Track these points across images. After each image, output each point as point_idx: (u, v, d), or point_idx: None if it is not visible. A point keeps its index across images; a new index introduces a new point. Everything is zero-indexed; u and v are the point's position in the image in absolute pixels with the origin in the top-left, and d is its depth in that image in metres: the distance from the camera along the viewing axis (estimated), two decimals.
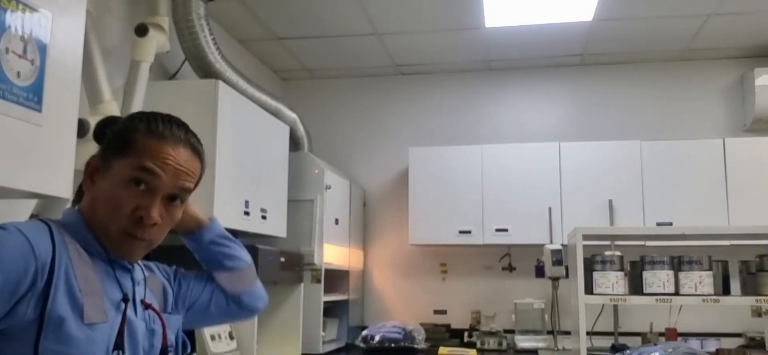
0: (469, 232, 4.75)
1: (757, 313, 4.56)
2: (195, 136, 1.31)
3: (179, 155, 1.23)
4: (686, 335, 4.49)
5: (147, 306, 1.29)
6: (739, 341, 4.54)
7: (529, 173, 4.72)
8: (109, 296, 1.18)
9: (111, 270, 1.22)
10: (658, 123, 5.04)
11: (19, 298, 1.03)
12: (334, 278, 4.62)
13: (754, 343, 4.39)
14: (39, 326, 1.05)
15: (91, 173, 1.24)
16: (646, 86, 5.12)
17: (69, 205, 2.00)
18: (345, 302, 4.81)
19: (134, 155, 1.18)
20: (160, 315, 1.32)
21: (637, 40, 4.69)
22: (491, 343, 4.60)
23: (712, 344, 4.34)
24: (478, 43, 4.77)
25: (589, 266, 3.08)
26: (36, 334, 1.06)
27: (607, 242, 3.66)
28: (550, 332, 4.59)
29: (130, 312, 1.22)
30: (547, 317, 4.67)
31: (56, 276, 1.08)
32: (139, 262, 1.35)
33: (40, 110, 1.74)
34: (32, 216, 2.17)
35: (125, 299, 1.22)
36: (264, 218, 3.60)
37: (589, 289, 3.05)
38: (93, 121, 2.43)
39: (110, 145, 1.22)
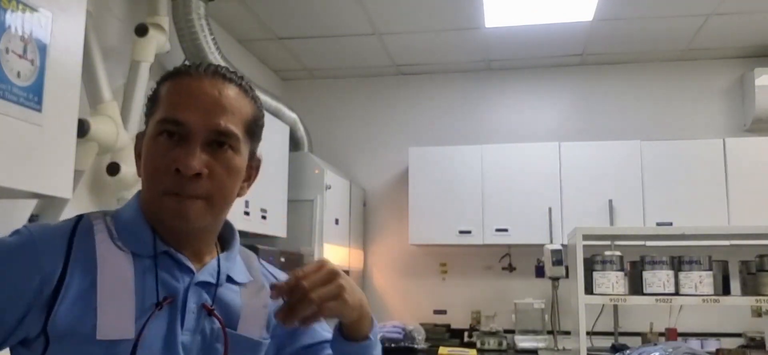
0: (469, 232, 4.74)
1: (757, 313, 4.56)
2: (233, 71, 1.07)
3: (208, 90, 1.01)
4: (686, 335, 4.49)
5: (209, 312, 1.03)
6: (739, 341, 4.54)
7: (529, 173, 4.72)
8: (146, 302, 0.97)
9: (157, 267, 1.01)
10: (659, 123, 5.04)
11: (26, 310, 0.92)
12: None
13: (754, 343, 4.39)
14: (45, 342, 0.94)
15: (138, 153, 1.06)
16: (646, 86, 5.12)
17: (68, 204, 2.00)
18: None
19: (160, 107, 1.01)
20: (224, 329, 1.04)
21: (637, 40, 4.68)
22: (491, 343, 4.60)
23: (713, 344, 4.34)
24: (478, 43, 4.77)
25: (589, 266, 3.08)
26: (42, 351, 0.94)
27: (607, 242, 3.66)
28: (550, 332, 4.59)
29: (160, 320, 0.97)
30: (547, 317, 4.67)
31: (67, 285, 0.94)
32: (224, 265, 1.08)
33: (40, 110, 1.74)
34: (32, 216, 2.17)
35: (162, 302, 0.98)
36: (264, 218, 3.60)
37: (589, 289, 3.05)
38: (93, 121, 2.43)
39: (146, 113, 1.06)
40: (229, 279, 1.10)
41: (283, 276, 1.21)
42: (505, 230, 4.71)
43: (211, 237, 1.09)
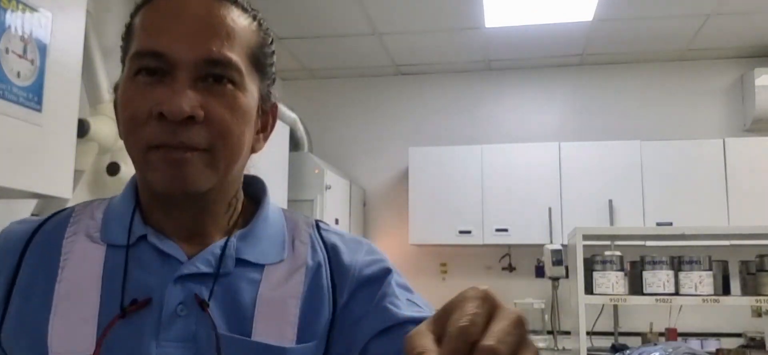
0: (469, 232, 4.74)
1: (757, 313, 4.56)
2: None
3: (194, 9, 0.77)
4: (686, 335, 4.49)
5: (202, 307, 0.77)
6: (739, 341, 4.54)
7: (529, 173, 4.72)
8: (113, 308, 0.76)
9: (127, 259, 0.79)
10: (658, 123, 5.04)
11: None
12: None
13: (754, 343, 4.40)
14: None
15: (117, 107, 0.83)
16: (646, 86, 5.12)
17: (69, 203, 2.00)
18: None
19: (135, 40, 0.78)
20: (216, 333, 0.75)
21: (637, 40, 4.68)
22: None
23: (712, 344, 4.34)
24: (478, 43, 4.77)
25: (589, 266, 3.08)
26: None
27: (607, 242, 3.66)
28: (550, 332, 4.59)
29: (127, 330, 0.75)
30: (547, 317, 4.67)
31: (16, 292, 0.79)
32: (236, 245, 0.81)
33: (40, 110, 1.74)
34: (32, 216, 2.17)
35: (127, 308, 0.75)
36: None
37: (589, 289, 3.05)
38: (93, 121, 2.43)
39: (122, 55, 0.83)
40: (242, 263, 0.81)
41: (358, 258, 0.86)
42: (505, 230, 4.71)
43: (219, 207, 0.83)
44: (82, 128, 2.28)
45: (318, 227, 0.91)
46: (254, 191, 0.90)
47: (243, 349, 0.77)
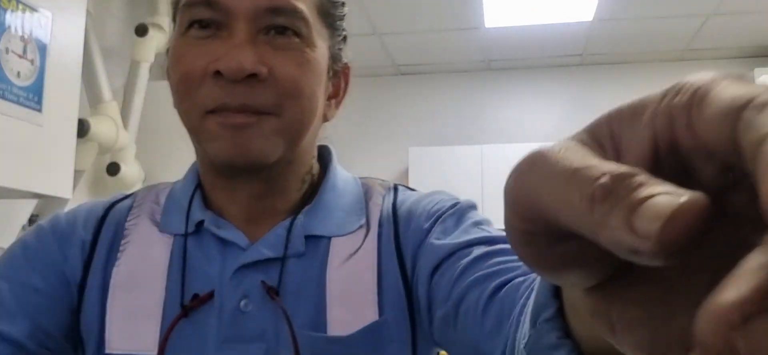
0: None
1: None
2: None
3: None
4: None
5: (270, 293, 0.66)
6: None
7: None
8: (176, 305, 0.67)
9: (185, 249, 0.69)
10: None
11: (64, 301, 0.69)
12: None
13: None
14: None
15: (169, 71, 0.71)
16: (646, 87, 5.06)
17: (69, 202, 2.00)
18: None
19: None
20: (291, 330, 0.64)
21: (637, 41, 4.68)
22: None
23: None
24: (478, 43, 4.77)
25: None
26: None
27: None
28: None
29: (190, 330, 0.65)
30: None
31: (91, 274, 0.69)
32: (303, 222, 0.70)
33: (40, 110, 1.74)
34: (32, 216, 2.17)
35: (188, 307, 0.65)
36: None
37: None
38: (93, 122, 2.43)
39: (172, 12, 0.73)
40: (314, 239, 0.70)
41: (427, 201, 0.74)
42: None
43: (289, 182, 0.72)
44: (82, 128, 2.28)
45: (395, 190, 0.79)
46: (320, 160, 0.78)
47: (318, 345, 0.65)
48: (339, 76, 0.78)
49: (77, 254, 0.70)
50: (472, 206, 0.73)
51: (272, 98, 0.64)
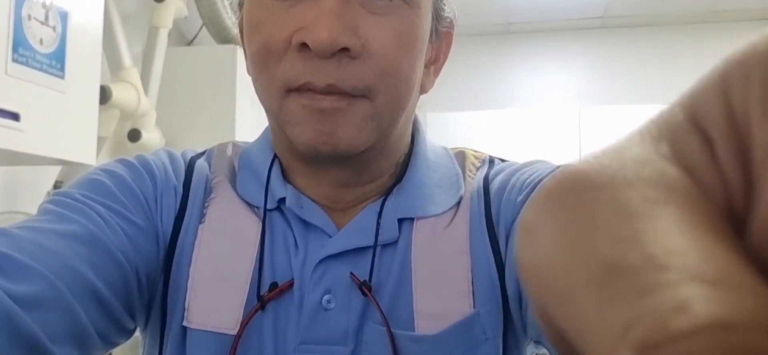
0: None
1: None
2: None
3: None
4: None
5: (363, 290, 0.58)
6: None
7: (548, 138, 4.69)
8: (263, 289, 0.59)
9: (263, 233, 0.61)
10: (681, 87, 4.87)
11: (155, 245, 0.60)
12: None
13: None
14: (161, 327, 0.61)
15: (243, 36, 0.63)
16: (668, 49, 5.03)
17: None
18: None
19: None
20: (388, 328, 0.56)
21: (659, 2, 4.59)
22: None
23: None
24: (498, 6, 4.71)
25: None
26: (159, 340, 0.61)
27: None
28: None
29: (270, 320, 0.58)
30: None
31: (183, 236, 0.60)
32: (395, 204, 0.63)
33: (62, 77, 1.75)
34: (56, 183, 2.19)
35: (266, 296, 0.57)
36: None
37: None
38: (114, 88, 2.44)
39: None
40: (408, 222, 0.62)
41: (519, 172, 0.65)
42: None
43: (382, 167, 0.64)
44: (104, 95, 2.29)
45: (491, 162, 0.71)
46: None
47: (408, 346, 0.56)
48: (441, 37, 0.66)
49: (171, 203, 0.61)
50: None
51: (365, 79, 0.54)
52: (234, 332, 0.56)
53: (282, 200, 0.62)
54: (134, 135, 2.64)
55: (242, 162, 0.66)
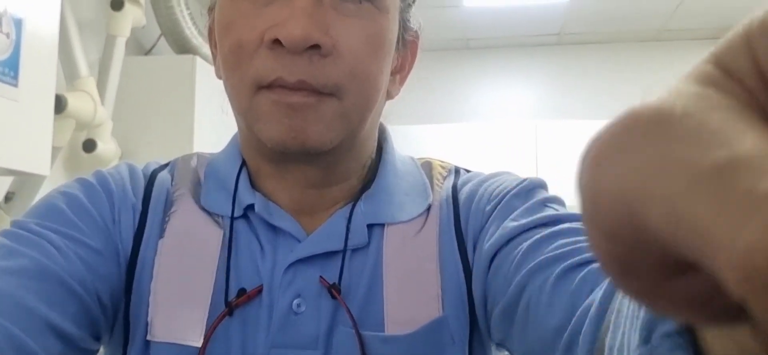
0: None
1: None
2: None
3: None
4: None
5: (332, 293, 0.59)
6: None
7: (506, 152, 4.75)
8: (219, 298, 0.59)
9: (230, 238, 0.61)
10: (635, 103, 5.09)
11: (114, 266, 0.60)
12: None
13: None
14: (124, 334, 0.61)
15: (214, 41, 0.64)
16: (622, 66, 5.16)
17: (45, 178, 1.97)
18: None
19: None
20: (356, 329, 0.58)
21: (615, 20, 4.72)
22: None
23: None
24: (456, 22, 4.77)
25: None
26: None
27: None
28: None
29: (237, 328, 0.58)
30: None
31: (144, 252, 0.60)
32: (364, 210, 0.64)
33: (16, 85, 1.71)
34: (8, 194, 2.14)
35: (233, 303, 0.58)
36: None
37: None
38: (70, 97, 2.39)
39: None
40: (377, 228, 0.63)
41: (488, 182, 0.67)
42: None
43: (349, 169, 0.65)
44: (59, 104, 2.24)
45: (457, 172, 0.73)
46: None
47: (377, 347, 0.57)
48: (407, 47, 0.69)
49: (129, 221, 0.61)
50: (541, 184, 0.64)
51: (335, 77, 0.56)
52: (198, 344, 0.56)
53: (250, 207, 0.62)
54: (89, 145, 2.59)
55: (208, 172, 0.66)
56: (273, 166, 0.63)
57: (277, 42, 0.54)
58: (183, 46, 3.41)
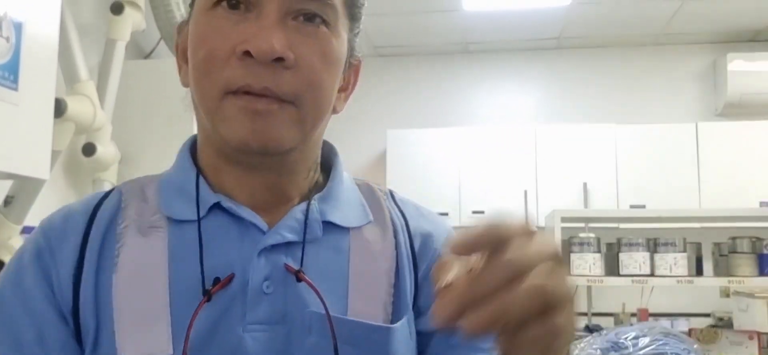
0: (446, 214, 4.77)
1: (726, 294, 4.66)
2: None
3: None
4: (657, 315, 4.58)
5: (298, 277, 0.67)
6: (708, 321, 4.64)
7: (505, 156, 4.75)
8: (187, 294, 0.64)
9: (200, 234, 0.68)
10: (633, 107, 5.10)
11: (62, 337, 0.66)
12: None
13: (722, 323, 4.50)
14: None
15: (182, 52, 0.73)
16: (621, 70, 5.17)
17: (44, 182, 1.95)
18: None
19: None
20: (323, 303, 0.65)
21: (613, 24, 4.72)
22: None
23: (682, 324, 4.43)
24: (457, 26, 4.77)
25: (566, 248, 3.12)
26: None
27: (581, 225, 3.71)
28: None
29: (211, 315, 0.64)
30: None
31: (83, 297, 0.65)
32: (319, 208, 0.72)
33: (16, 89, 1.70)
34: (7, 197, 2.13)
35: (211, 290, 0.64)
36: None
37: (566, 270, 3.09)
38: (70, 101, 2.38)
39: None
40: (329, 226, 0.72)
41: (439, 226, 0.78)
42: (482, 212, 4.74)
43: (299, 172, 0.73)
44: (59, 108, 2.24)
45: (392, 195, 0.81)
46: (323, 152, 0.79)
47: (344, 328, 0.66)
48: (352, 69, 0.78)
49: (66, 272, 0.67)
50: None
51: (294, 87, 0.64)
52: (169, 351, 0.62)
53: (214, 207, 0.69)
54: (89, 149, 2.58)
55: (164, 189, 0.72)
56: (232, 166, 0.70)
57: (247, 54, 0.62)
58: None
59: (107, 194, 0.73)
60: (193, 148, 0.75)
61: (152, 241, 0.67)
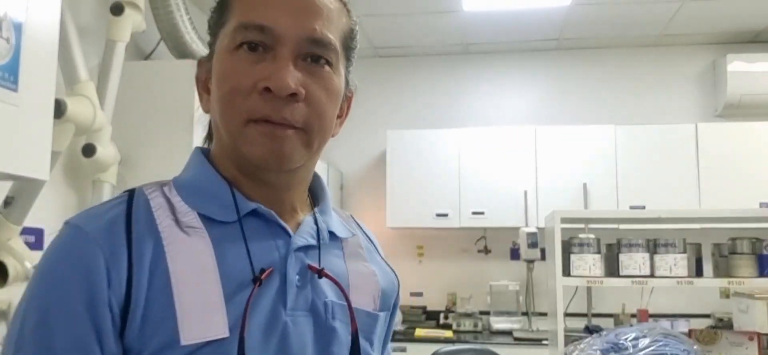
0: (445, 215, 4.77)
1: (726, 294, 4.66)
2: None
3: None
4: (657, 316, 4.58)
5: (320, 274, 0.82)
6: (708, 322, 4.64)
7: (505, 157, 4.75)
8: (234, 283, 0.75)
9: (244, 232, 0.79)
10: (633, 108, 5.10)
11: (100, 331, 0.71)
12: None
13: (722, 324, 4.50)
14: None
15: (203, 84, 0.87)
16: (621, 71, 5.17)
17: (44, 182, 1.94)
18: None
19: (236, 11, 0.80)
20: (345, 295, 0.83)
21: (613, 25, 4.72)
22: (467, 324, 4.64)
23: (682, 325, 4.43)
24: (456, 27, 4.77)
25: (567, 249, 3.12)
26: None
27: (581, 225, 3.71)
28: (524, 314, 4.64)
29: (261, 303, 0.76)
30: (521, 298, 4.72)
31: (136, 290, 0.71)
32: (322, 220, 0.88)
33: (15, 90, 1.70)
34: (7, 198, 2.13)
35: (260, 276, 0.76)
36: None
37: (566, 271, 3.09)
38: (69, 102, 2.38)
39: (211, 29, 0.86)
40: (331, 234, 0.88)
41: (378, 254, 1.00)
42: (482, 213, 4.74)
43: (304, 185, 0.89)
44: (59, 109, 2.24)
45: (353, 219, 1.01)
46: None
47: (359, 318, 0.83)
48: (346, 100, 0.90)
49: (120, 277, 0.72)
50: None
51: (305, 117, 0.78)
52: (225, 334, 0.72)
53: (250, 213, 0.81)
54: (89, 150, 2.58)
55: (195, 193, 0.82)
56: (250, 180, 0.83)
57: (267, 89, 0.76)
58: (182, 51, 3.41)
59: (130, 197, 0.80)
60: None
61: (195, 239, 0.77)
